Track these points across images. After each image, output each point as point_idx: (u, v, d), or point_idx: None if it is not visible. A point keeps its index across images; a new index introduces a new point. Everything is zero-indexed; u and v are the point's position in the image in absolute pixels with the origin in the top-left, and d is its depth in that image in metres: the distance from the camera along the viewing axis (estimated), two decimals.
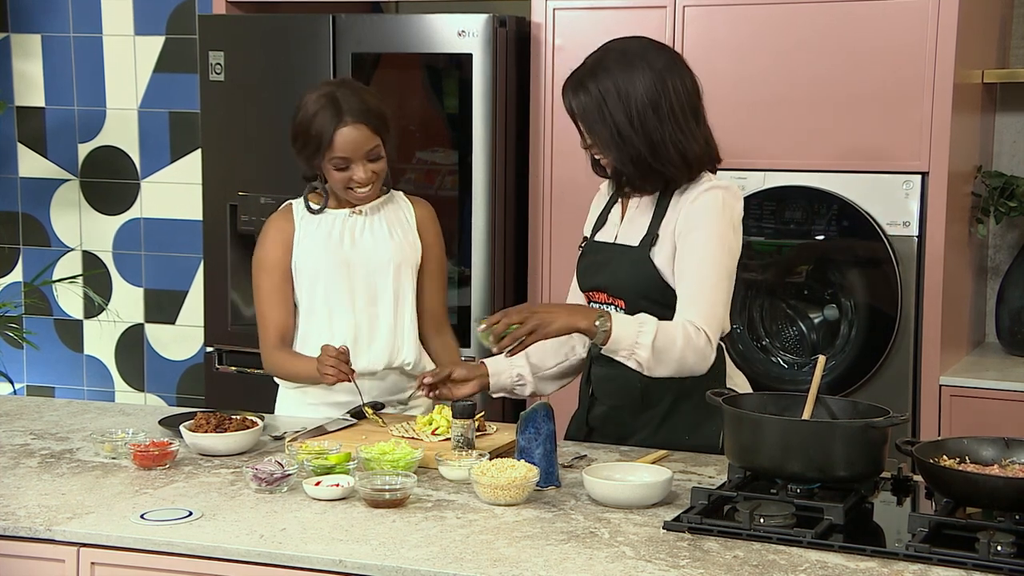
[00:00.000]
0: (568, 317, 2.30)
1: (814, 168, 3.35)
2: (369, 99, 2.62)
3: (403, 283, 2.68)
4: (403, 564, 1.83)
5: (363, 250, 2.67)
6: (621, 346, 2.29)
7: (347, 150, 2.57)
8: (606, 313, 2.31)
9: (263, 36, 3.79)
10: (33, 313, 4.78)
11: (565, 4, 3.56)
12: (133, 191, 4.65)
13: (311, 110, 2.58)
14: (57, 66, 4.66)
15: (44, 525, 2.02)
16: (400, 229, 2.71)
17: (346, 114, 2.57)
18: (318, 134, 2.57)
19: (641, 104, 2.34)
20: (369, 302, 2.66)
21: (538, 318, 2.27)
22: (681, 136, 2.36)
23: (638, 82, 2.34)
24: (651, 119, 2.34)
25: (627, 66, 2.36)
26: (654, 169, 2.37)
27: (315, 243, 2.67)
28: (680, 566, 1.82)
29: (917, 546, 1.82)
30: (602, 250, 2.50)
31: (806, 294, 3.41)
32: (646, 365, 2.30)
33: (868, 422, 2.02)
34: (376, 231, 2.69)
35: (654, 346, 2.27)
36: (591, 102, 2.35)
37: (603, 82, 2.35)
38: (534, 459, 2.18)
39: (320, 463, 2.21)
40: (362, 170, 2.59)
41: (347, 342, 2.61)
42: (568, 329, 2.30)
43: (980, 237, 3.61)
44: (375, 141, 2.60)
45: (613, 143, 2.36)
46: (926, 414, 3.27)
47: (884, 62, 3.25)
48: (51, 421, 2.70)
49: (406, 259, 2.69)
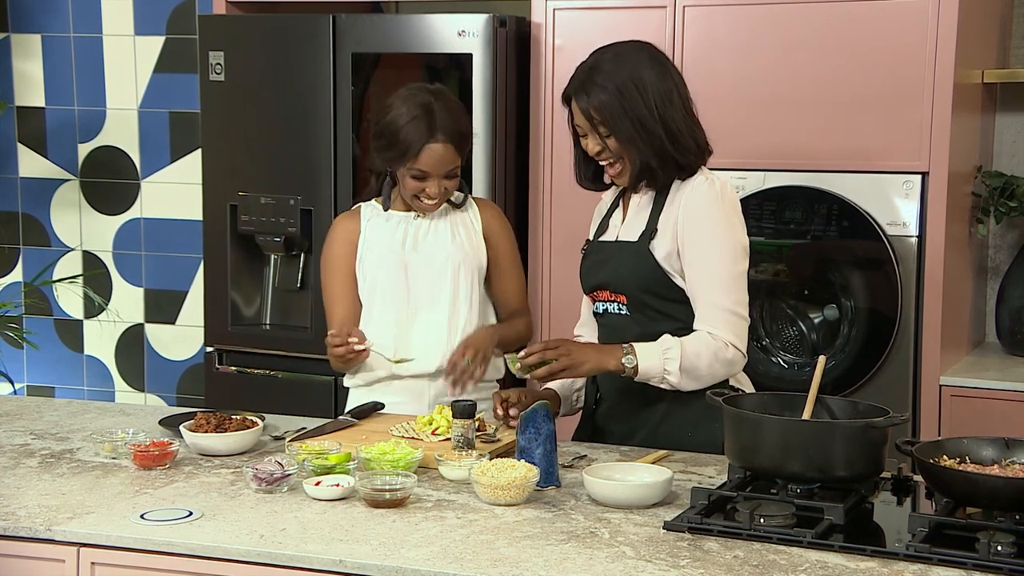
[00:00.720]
0: (599, 358, 2.37)
1: (814, 168, 3.35)
2: (461, 118, 2.64)
3: (461, 285, 2.68)
4: (403, 564, 1.83)
5: (423, 253, 2.68)
6: (650, 375, 2.37)
7: (429, 166, 2.58)
8: (631, 348, 2.36)
9: (263, 36, 3.79)
10: (33, 313, 4.78)
11: (565, 4, 3.56)
12: (133, 191, 4.65)
13: (405, 117, 2.58)
14: (57, 66, 4.66)
15: (44, 525, 2.02)
16: (464, 231, 2.72)
17: (439, 131, 2.57)
18: (406, 143, 2.57)
19: (656, 93, 2.37)
20: (427, 305, 2.67)
21: (572, 358, 2.35)
22: (692, 123, 2.42)
23: (648, 73, 2.37)
24: (668, 108, 2.37)
25: (631, 61, 2.38)
26: (674, 159, 2.39)
27: (379, 243, 2.70)
28: (680, 566, 1.82)
29: (917, 546, 1.83)
30: (603, 249, 2.52)
31: (806, 294, 3.41)
32: (678, 386, 2.37)
33: (868, 422, 2.02)
34: (439, 234, 2.70)
35: (682, 370, 2.35)
36: (610, 98, 2.36)
37: (615, 78, 2.36)
38: (534, 459, 2.18)
39: (320, 463, 2.21)
40: (436, 186, 2.61)
41: (402, 343, 2.65)
42: (598, 370, 2.39)
43: (980, 237, 3.61)
44: (457, 161, 2.62)
45: (637, 136, 2.37)
46: (926, 414, 3.27)
47: (884, 62, 3.25)
48: (51, 421, 2.70)
49: (466, 261, 2.68)
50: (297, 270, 3.83)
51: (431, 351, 2.66)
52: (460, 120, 2.64)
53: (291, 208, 3.73)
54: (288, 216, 3.73)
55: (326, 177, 3.72)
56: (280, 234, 3.76)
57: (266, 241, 3.81)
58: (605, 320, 2.52)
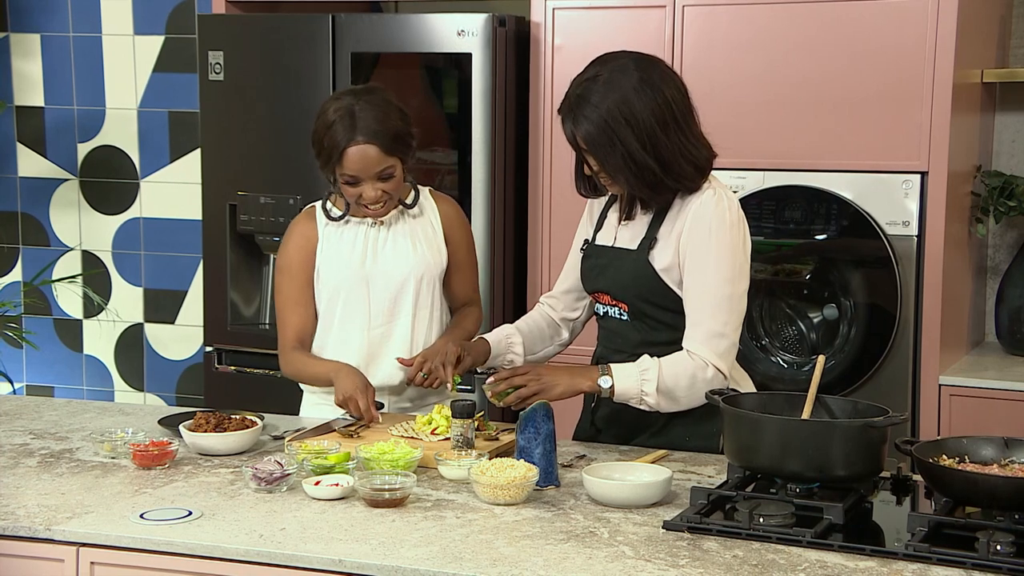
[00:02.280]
0: (571, 380, 2.35)
1: (814, 168, 3.35)
2: (388, 117, 2.53)
3: (423, 295, 2.65)
4: (402, 564, 1.83)
5: (383, 266, 2.63)
6: (628, 397, 2.35)
7: (355, 169, 2.52)
8: (608, 369, 2.34)
9: (262, 36, 3.79)
10: (32, 313, 4.78)
11: (565, 4, 3.56)
12: (132, 191, 4.65)
13: (328, 120, 2.53)
14: (56, 66, 4.66)
15: (44, 525, 2.02)
16: (424, 238, 2.66)
17: (359, 132, 2.50)
18: (330, 148, 2.53)
19: (648, 125, 2.28)
20: (387, 318, 2.63)
21: (542, 382, 2.33)
22: (689, 145, 2.33)
23: (638, 102, 2.28)
24: (660, 138, 2.28)
25: (621, 88, 2.29)
26: (667, 186, 2.33)
27: (337, 256, 2.64)
28: (680, 566, 1.82)
29: (916, 545, 1.82)
30: (603, 253, 2.49)
31: (806, 294, 3.41)
32: (656, 407, 2.35)
33: (867, 422, 2.02)
34: (399, 244, 2.64)
35: (659, 391, 2.32)
36: (598, 131, 2.28)
37: (603, 108, 2.28)
38: (534, 459, 2.18)
39: (319, 463, 2.21)
40: (371, 189, 2.54)
41: (362, 357, 2.61)
42: (571, 392, 2.36)
43: (979, 237, 3.61)
44: (386, 162, 2.52)
45: (627, 168, 2.30)
46: (925, 413, 3.27)
47: (883, 62, 3.25)
48: (50, 421, 2.70)
49: (428, 270, 2.65)
50: None
51: (394, 364, 2.61)
52: (386, 119, 2.52)
53: (291, 208, 3.73)
54: (288, 216, 3.72)
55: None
56: (279, 234, 3.72)
57: (265, 241, 3.81)
58: (605, 323, 2.51)
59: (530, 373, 2.35)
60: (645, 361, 2.33)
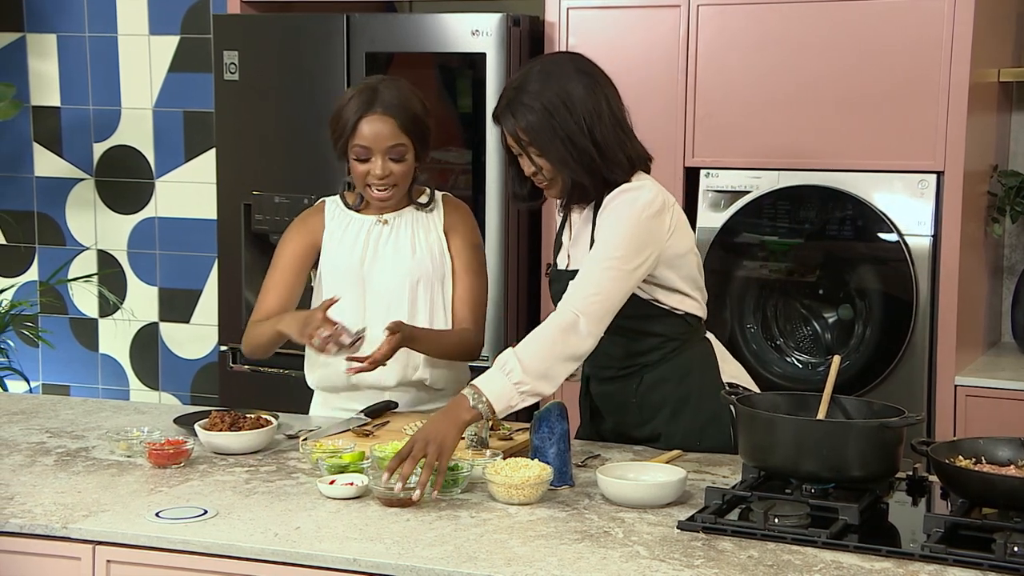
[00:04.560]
0: (451, 423, 2.13)
1: (828, 167, 3.34)
2: (409, 98, 2.54)
3: (419, 299, 2.61)
4: (417, 563, 1.83)
5: (381, 268, 2.62)
6: (507, 401, 2.17)
7: (368, 139, 2.51)
8: (474, 388, 2.16)
9: (277, 36, 3.80)
10: (48, 312, 4.80)
11: (579, 3, 3.55)
12: (148, 190, 4.66)
13: (348, 96, 2.55)
14: (72, 66, 4.67)
15: (60, 523, 2.03)
16: (425, 241, 2.64)
17: (378, 104, 2.51)
18: (345, 120, 2.53)
19: (585, 109, 2.30)
20: (382, 319, 2.56)
21: (435, 441, 2.09)
22: (624, 137, 2.34)
23: (574, 89, 2.30)
24: (596, 123, 2.30)
25: (558, 77, 2.31)
26: (603, 175, 2.33)
27: (338, 252, 2.64)
28: (694, 566, 1.81)
29: (933, 547, 1.82)
30: (562, 278, 2.43)
31: (820, 294, 3.40)
32: (541, 391, 2.19)
33: (883, 422, 2.02)
34: (400, 245, 2.63)
35: (528, 372, 2.16)
36: (538, 119, 2.29)
37: (543, 96, 2.29)
38: (548, 458, 2.18)
39: (334, 462, 2.21)
40: (380, 165, 2.53)
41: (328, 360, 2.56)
42: (460, 431, 2.14)
43: (996, 237, 3.59)
44: (400, 139, 2.52)
45: (568, 155, 2.30)
46: (941, 414, 3.26)
47: (899, 60, 3.24)
48: (67, 419, 2.71)
49: (425, 274, 2.61)
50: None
51: (389, 366, 2.55)
52: (407, 99, 2.53)
53: (305, 207, 3.69)
54: None
55: (340, 176, 3.71)
56: None
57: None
58: None
59: (416, 444, 2.09)
60: (502, 356, 2.20)
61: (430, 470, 2.07)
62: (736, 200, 3.41)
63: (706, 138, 3.43)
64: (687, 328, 2.44)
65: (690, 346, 2.45)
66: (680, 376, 2.43)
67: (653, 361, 2.39)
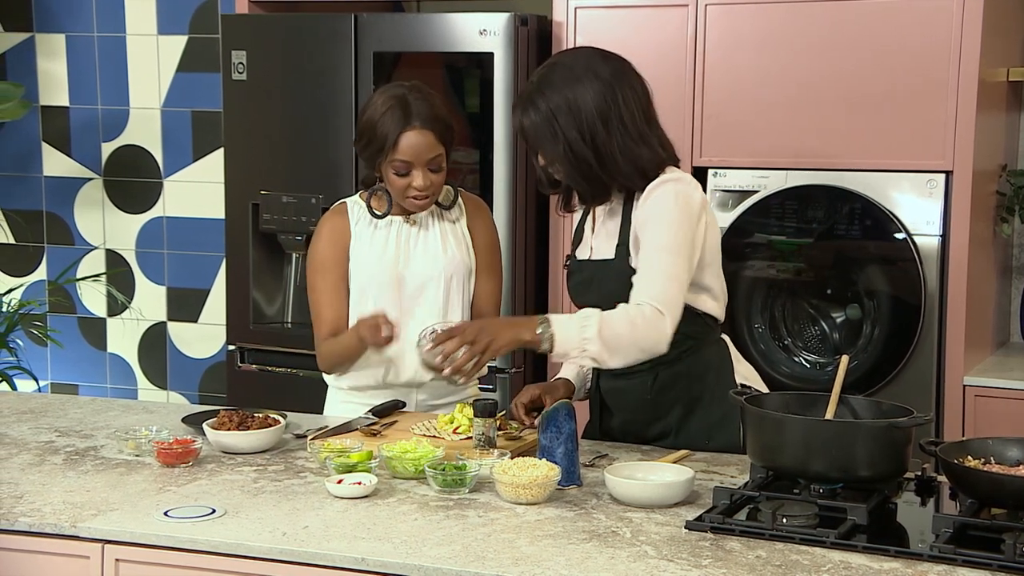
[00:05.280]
0: (512, 331, 2.26)
1: (837, 167, 3.33)
2: (438, 107, 2.58)
3: (452, 294, 2.65)
4: (425, 563, 1.83)
5: (414, 263, 2.65)
6: (569, 347, 2.24)
7: (410, 155, 2.54)
8: (546, 319, 2.25)
9: (285, 35, 3.80)
10: (57, 311, 4.81)
11: (587, 3, 3.55)
12: (156, 190, 4.67)
13: (380, 110, 2.55)
14: (81, 65, 4.68)
15: (69, 522, 2.03)
16: (453, 239, 2.68)
17: (414, 118, 2.53)
18: (383, 135, 2.54)
19: (591, 118, 2.31)
20: (417, 316, 2.62)
21: (487, 334, 2.21)
22: (632, 144, 2.34)
23: (587, 95, 2.31)
24: (600, 133, 2.31)
25: (574, 80, 2.32)
26: (602, 181, 2.35)
27: (369, 256, 2.65)
28: (702, 566, 1.81)
29: (941, 547, 1.81)
30: (584, 268, 2.47)
31: (829, 293, 3.40)
32: (599, 358, 2.25)
33: (891, 422, 2.01)
34: (429, 244, 2.66)
35: (602, 337, 2.22)
36: (541, 120, 2.32)
37: (552, 99, 2.32)
38: (556, 458, 2.18)
39: (342, 461, 2.21)
40: (422, 177, 2.55)
41: (390, 354, 2.60)
42: (514, 343, 2.25)
43: (1004, 236, 3.59)
44: (439, 150, 2.56)
45: (565, 159, 2.33)
46: (950, 414, 3.25)
47: (908, 60, 3.24)
48: (75, 418, 2.72)
49: (457, 270, 2.66)
50: None
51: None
52: (438, 108, 2.57)
53: (313, 207, 3.74)
54: (310, 215, 3.74)
55: (347, 176, 3.73)
56: (302, 233, 3.77)
57: (288, 240, 3.83)
58: None
59: (468, 330, 2.21)
60: (587, 311, 2.28)
61: (470, 357, 2.16)
62: (744, 200, 3.41)
63: (714, 137, 3.42)
64: (705, 328, 2.44)
65: (706, 346, 2.45)
66: (695, 375, 2.44)
67: (670, 359, 2.39)
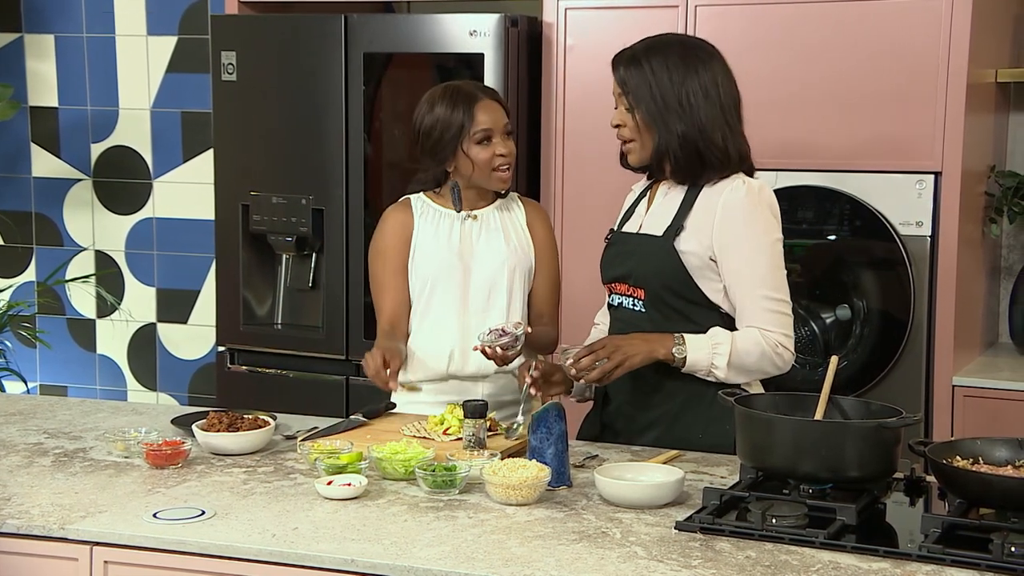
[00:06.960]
0: (647, 348, 2.36)
1: (826, 168, 3.34)
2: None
3: (516, 287, 2.70)
4: (415, 563, 1.83)
5: (479, 254, 2.68)
6: (698, 368, 2.38)
7: (489, 122, 2.62)
8: (681, 339, 2.36)
9: (275, 36, 3.80)
10: (46, 312, 4.80)
11: (577, 4, 3.56)
12: (145, 191, 4.66)
13: (442, 103, 2.64)
14: (70, 66, 4.67)
15: (57, 524, 2.03)
16: (514, 232, 2.73)
17: (480, 93, 2.66)
18: (458, 117, 2.61)
19: (693, 88, 2.38)
20: (482, 307, 2.67)
21: (622, 352, 2.34)
22: (728, 130, 2.41)
23: (692, 67, 2.39)
24: (702, 103, 2.38)
25: (686, 54, 2.40)
26: (699, 152, 2.38)
27: (433, 246, 2.69)
28: (692, 566, 1.81)
29: (930, 547, 1.82)
30: (627, 240, 2.51)
31: (818, 294, 3.40)
32: (724, 379, 2.38)
33: (880, 422, 2.02)
34: (493, 235, 2.70)
35: (731, 364, 2.36)
36: (646, 74, 2.39)
37: (662, 61, 2.39)
38: (546, 459, 2.18)
39: (332, 462, 2.21)
40: (503, 144, 2.64)
41: (456, 344, 2.65)
42: (649, 360, 2.37)
43: (993, 237, 3.60)
44: (508, 118, 2.67)
45: (660, 116, 2.37)
46: (939, 414, 3.26)
47: (897, 61, 3.24)
48: (64, 420, 2.71)
49: (520, 263, 2.71)
50: (309, 270, 3.84)
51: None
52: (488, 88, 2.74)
53: (303, 208, 3.73)
54: (300, 216, 3.74)
55: (338, 177, 3.73)
56: (292, 234, 3.77)
57: (278, 241, 3.82)
58: (618, 314, 2.51)
59: (608, 346, 2.35)
60: (718, 334, 2.37)
61: (601, 372, 2.32)
62: None
63: None
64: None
65: None
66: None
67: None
